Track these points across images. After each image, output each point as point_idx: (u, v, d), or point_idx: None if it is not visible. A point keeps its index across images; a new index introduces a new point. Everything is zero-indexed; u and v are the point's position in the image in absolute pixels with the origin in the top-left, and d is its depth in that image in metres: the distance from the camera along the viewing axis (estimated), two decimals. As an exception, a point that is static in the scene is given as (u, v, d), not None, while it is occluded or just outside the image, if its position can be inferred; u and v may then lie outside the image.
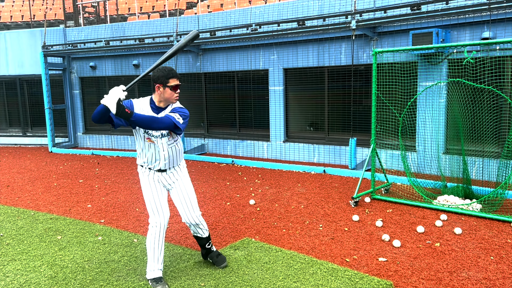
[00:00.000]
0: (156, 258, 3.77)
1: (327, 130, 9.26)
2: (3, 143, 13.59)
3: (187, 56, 10.66)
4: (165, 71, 3.54)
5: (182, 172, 3.91)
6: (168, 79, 3.53)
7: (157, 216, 3.72)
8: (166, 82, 3.53)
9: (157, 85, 3.56)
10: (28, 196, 7.12)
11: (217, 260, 4.10)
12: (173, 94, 3.59)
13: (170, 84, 3.54)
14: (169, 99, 3.62)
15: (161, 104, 3.67)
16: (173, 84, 3.55)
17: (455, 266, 4.08)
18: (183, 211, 3.87)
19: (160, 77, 3.53)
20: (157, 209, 3.73)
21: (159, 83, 3.54)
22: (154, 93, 3.65)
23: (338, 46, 8.65)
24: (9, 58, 13.03)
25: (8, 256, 4.55)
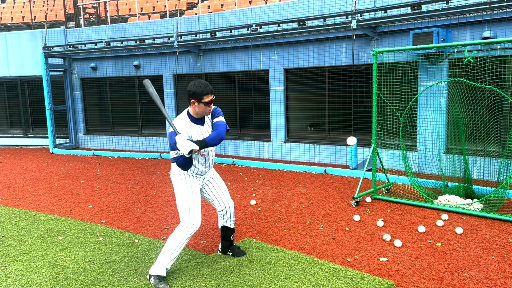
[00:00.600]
0: (172, 257, 3.82)
1: (328, 130, 9.26)
2: (4, 144, 13.61)
3: (188, 57, 10.66)
4: (200, 88, 3.73)
5: (213, 171, 4.23)
6: (203, 95, 3.74)
7: (194, 219, 3.86)
8: (201, 98, 3.74)
9: (193, 100, 3.78)
10: (29, 197, 7.13)
11: (239, 251, 4.35)
12: (206, 109, 3.81)
13: (204, 100, 3.75)
14: (203, 113, 3.84)
15: (198, 116, 3.89)
16: (207, 100, 3.76)
17: (456, 266, 4.08)
18: (223, 198, 4.17)
19: (195, 93, 3.74)
20: (195, 213, 3.87)
21: (194, 99, 3.76)
22: (190, 107, 3.86)
23: (338, 46, 8.65)
24: (10, 59, 13.05)
25: (9, 257, 4.56)
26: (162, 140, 11.50)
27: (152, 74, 11.30)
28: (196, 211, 3.87)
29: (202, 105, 3.76)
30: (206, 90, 3.71)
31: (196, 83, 3.75)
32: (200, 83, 3.74)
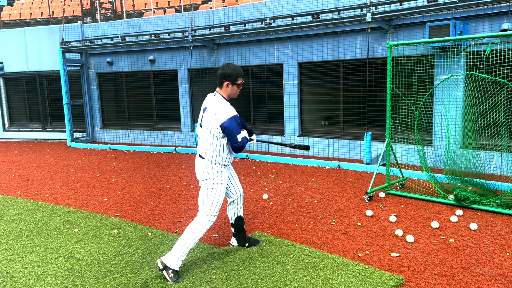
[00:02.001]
0: (188, 249, 3.84)
1: (342, 125, 9.20)
2: (24, 138, 13.90)
3: (202, 51, 10.70)
4: (235, 70, 3.84)
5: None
6: (237, 77, 3.85)
7: (216, 212, 3.93)
8: (236, 80, 3.85)
9: (227, 82, 3.85)
10: (47, 189, 7.28)
11: (254, 241, 4.50)
12: (238, 91, 3.96)
13: (237, 82, 3.89)
14: (234, 95, 3.97)
15: (228, 99, 4.01)
16: (239, 82, 3.92)
17: (469, 262, 4.03)
18: (238, 186, 4.31)
19: (231, 75, 3.83)
20: (218, 207, 3.94)
21: (229, 80, 3.84)
22: (221, 89, 3.91)
23: (353, 39, 8.56)
24: (29, 54, 13.30)
25: (26, 248, 4.67)
26: (177, 134, 11.58)
27: (167, 69, 11.38)
28: (220, 206, 3.97)
29: (235, 87, 3.89)
30: (240, 73, 3.86)
31: (230, 66, 3.85)
32: (235, 66, 3.86)
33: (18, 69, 13.50)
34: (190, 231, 3.85)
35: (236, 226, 4.38)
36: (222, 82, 3.86)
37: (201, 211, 3.93)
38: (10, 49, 13.45)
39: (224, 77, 3.83)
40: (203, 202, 3.94)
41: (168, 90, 11.70)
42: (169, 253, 3.84)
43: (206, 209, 3.91)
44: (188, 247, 3.82)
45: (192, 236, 3.84)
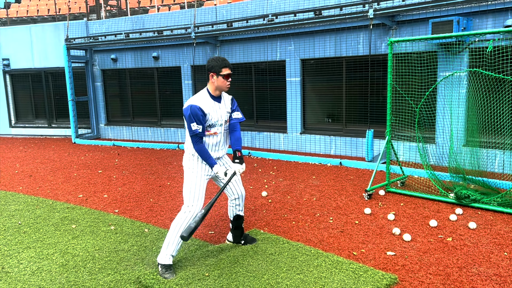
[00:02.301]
0: (175, 244, 3.84)
1: (345, 122, 9.13)
2: (30, 134, 14.01)
3: (205, 48, 10.68)
4: (218, 61, 3.82)
5: (226, 157, 4.24)
6: (221, 68, 3.81)
7: (195, 203, 3.88)
8: (219, 71, 3.81)
9: (211, 74, 3.84)
10: (49, 186, 7.33)
11: (251, 238, 4.46)
12: (225, 82, 3.86)
13: (222, 73, 3.82)
14: (222, 87, 3.88)
15: (217, 93, 3.93)
16: (225, 73, 3.83)
17: (465, 262, 3.97)
18: (237, 186, 4.22)
19: (214, 67, 3.81)
20: (196, 198, 3.89)
21: (213, 72, 3.82)
22: (209, 82, 3.89)
23: (356, 36, 8.49)
24: (35, 51, 13.38)
25: (23, 244, 4.70)
26: (180, 131, 11.59)
27: (170, 65, 11.38)
28: (199, 196, 3.89)
29: (221, 78, 3.82)
30: (224, 63, 3.81)
31: (214, 58, 3.86)
32: (218, 58, 3.85)
33: (24, 65, 13.59)
34: (173, 226, 3.86)
35: (234, 223, 4.37)
36: (208, 75, 3.86)
37: (184, 203, 3.95)
38: (16, 46, 13.54)
39: (208, 70, 3.84)
40: (183, 193, 3.98)
41: (172, 87, 11.70)
42: (160, 252, 3.88)
43: (184, 200, 3.91)
44: (173, 241, 3.82)
45: (174, 230, 3.84)
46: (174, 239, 3.83)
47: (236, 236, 4.42)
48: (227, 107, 4.01)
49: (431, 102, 6.92)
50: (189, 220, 3.83)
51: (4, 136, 14.24)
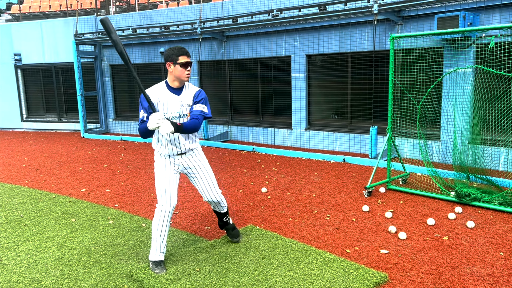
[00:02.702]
0: (159, 242, 3.84)
1: (350, 118, 9.07)
2: (40, 128, 14.22)
3: (212, 44, 10.69)
4: (174, 50, 3.66)
5: (200, 155, 4.00)
6: (178, 56, 3.63)
7: (165, 201, 3.80)
8: (176, 59, 3.63)
9: (168, 63, 3.67)
10: (53, 179, 7.44)
11: (232, 233, 4.35)
12: (183, 72, 3.66)
13: (180, 61, 3.63)
14: (180, 76, 3.68)
15: (176, 84, 3.74)
16: (183, 61, 3.63)
17: (459, 261, 3.93)
18: (206, 192, 4.01)
19: (170, 55, 3.65)
20: (166, 194, 3.81)
21: (169, 61, 3.66)
22: (168, 73, 3.74)
23: (361, 31, 8.41)
24: (45, 46, 13.55)
25: (23, 237, 4.79)
26: (187, 126, 11.64)
27: (177, 61, 11.41)
28: (167, 193, 3.78)
29: (178, 67, 3.62)
30: (181, 51, 3.64)
31: (170, 48, 3.70)
32: (175, 47, 3.69)
33: (35, 60, 13.78)
34: (153, 226, 3.85)
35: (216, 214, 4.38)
36: (166, 66, 3.71)
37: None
38: (28, 41, 13.73)
39: (165, 59, 3.68)
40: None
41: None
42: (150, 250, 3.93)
43: (157, 198, 3.88)
44: (157, 240, 3.82)
45: (154, 229, 3.83)
46: (157, 239, 3.83)
47: (219, 224, 4.44)
48: (187, 100, 3.75)
49: (435, 99, 6.83)
50: (165, 218, 3.79)
51: (16, 130, 14.49)
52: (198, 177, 3.98)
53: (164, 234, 3.85)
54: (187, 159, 3.90)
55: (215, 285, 3.52)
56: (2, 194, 6.56)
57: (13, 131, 14.40)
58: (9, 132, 14.08)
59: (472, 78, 7.10)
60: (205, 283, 3.56)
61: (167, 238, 3.96)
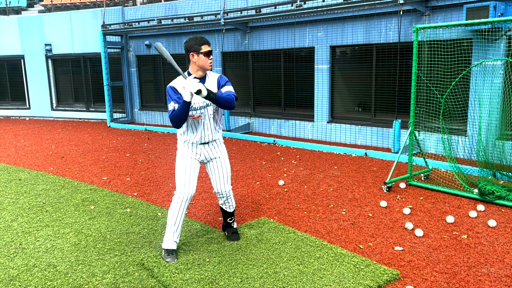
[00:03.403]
0: (173, 230, 3.90)
1: (373, 111, 8.89)
2: (69, 117, 14.59)
3: (235, 34, 10.66)
4: (196, 39, 3.70)
5: (222, 147, 4.07)
6: (201, 45, 3.68)
7: (184, 189, 3.86)
8: (199, 49, 3.68)
9: (191, 54, 3.70)
10: (77, 167, 7.62)
11: (231, 236, 4.27)
12: (207, 60, 3.71)
13: (203, 51, 3.68)
14: (204, 65, 3.72)
15: (200, 73, 3.77)
16: (205, 50, 3.68)
17: (477, 261, 3.80)
18: (218, 183, 4.06)
19: (192, 46, 3.69)
20: (185, 182, 3.87)
21: (192, 51, 3.69)
22: (190, 64, 3.77)
23: (387, 22, 8.19)
24: (74, 37, 13.84)
25: (43, 222, 4.93)
26: (210, 117, 11.69)
27: (201, 52, 11.44)
28: (187, 181, 3.85)
29: (202, 56, 3.67)
30: (202, 41, 3.69)
31: (190, 38, 3.73)
32: (196, 37, 3.72)
33: (65, 51, 14.11)
34: (169, 213, 3.91)
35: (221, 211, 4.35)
36: (189, 56, 3.72)
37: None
38: (58, 32, 14.06)
39: (187, 50, 3.70)
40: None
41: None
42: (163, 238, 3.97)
43: (176, 186, 3.93)
44: (172, 228, 3.87)
45: (171, 218, 3.89)
46: (171, 227, 3.89)
47: (223, 225, 4.43)
48: (212, 87, 3.79)
49: (462, 92, 6.59)
50: (181, 206, 3.86)
51: (46, 118, 14.92)
52: (215, 166, 4.03)
53: (179, 222, 3.90)
54: (209, 149, 3.96)
55: (224, 276, 3.53)
56: (28, 180, 6.77)
57: (44, 119, 14.83)
58: (40, 121, 14.51)
59: (502, 71, 6.82)
60: (214, 274, 3.57)
61: (181, 228, 3.99)
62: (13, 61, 15.03)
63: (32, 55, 14.60)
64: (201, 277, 3.51)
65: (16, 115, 15.34)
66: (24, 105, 15.28)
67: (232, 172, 6.97)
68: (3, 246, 4.28)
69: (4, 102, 15.64)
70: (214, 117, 3.89)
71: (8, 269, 3.80)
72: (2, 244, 4.34)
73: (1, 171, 7.42)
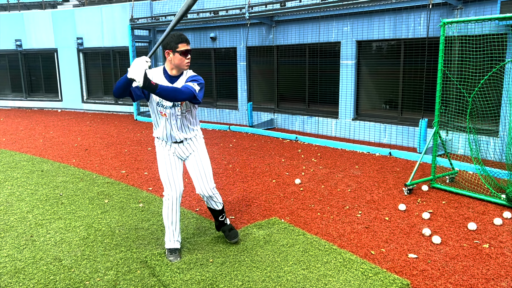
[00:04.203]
0: (172, 230, 3.83)
1: (400, 109, 8.56)
2: (98, 110, 14.88)
3: (261, 29, 10.51)
4: (174, 37, 3.48)
5: (198, 143, 3.87)
6: (177, 44, 3.47)
7: (170, 189, 3.76)
8: (176, 47, 3.47)
9: (167, 51, 3.50)
10: (99, 160, 7.71)
11: (229, 234, 4.07)
12: (183, 60, 3.51)
13: (179, 49, 3.47)
14: (180, 65, 3.53)
15: (174, 72, 3.60)
16: (182, 49, 3.47)
17: (496, 273, 3.54)
18: (197, 183, 3.85)
19: (169, 43, 3.47)
20: (170, 182, 3.76)
21: (168, 49, 3.49)
22: (166, 61, 3.59)
23: (416, 16, 7.83)
24: (104, 31, 14.06)
25: (57, 215, 4.98)
26: (234, 112, 11.62)
27: (227, 46, 11.38)
28: (171, 180, 3.73)
29: (178, 55, 3.46)
30: (180, 39, 3.47)
31: (170, 34, 3.47)
32: (174, 34, 3.49)
33: (95, 44, 14.36)
34: (163, 215, 3.85)
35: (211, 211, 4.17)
36: (163, 53, 3.53)
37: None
38: (89, 26, 14.33)
39: (164, 47, 3.47)
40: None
41: (227, 68, 11.72)
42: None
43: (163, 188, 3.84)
44: (168, 227, 3.81)
45: (164, 218, 3.82)
46: (169, 228, 3.83)
47: (215, 225, 4.23)
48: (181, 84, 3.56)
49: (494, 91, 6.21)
50: (173, 206, 3.76)
51: (76, 110, 15.27)
52: (191, 163, 3.83)
53: (176, 222, 3.82)
54: (184, 147, 3.80)
55: (225, 278, 3.43)
56: (49, 172, 6.90)
57: (74, 111, 15.19)
58: (71, 113, 14.87)
59: (538, 69, 6.39)
60: (215, 275, 3.48)
61: (180, 226, 3.90)
62: (47, 54, 15.44)
63: (65, 49, 14.95)
64: (201, 278, 3.43)
65: (49, 107, 15.78)
66: (56, 97, 15.69)
67: (250, 169, 6.87)
68: (15, 238, 4.34)
69: (38, 94, 16.11)
70: (186, 117, 3.69)
71: (16, 261, 3.85)
72: (14, 235, 4.41)
73: (26, 162, 7.60)
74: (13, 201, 5.46)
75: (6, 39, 15.65)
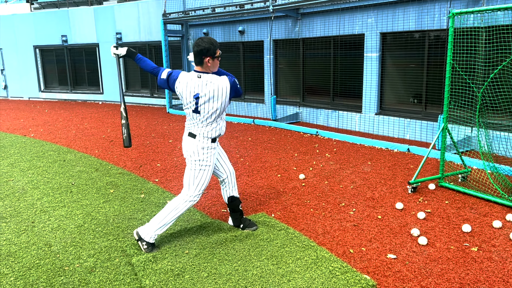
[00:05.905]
0: (159, 227, 3.83)
1: (424, 104, 8.22)
2: (135, 102, 15.43)
3: (287, 21, 10.43)
4: (212, 44, 3.62)
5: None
6: (216, 49, 3.66)
7: (198, 195, 3.85)
8: (215, 53, 3.65)
9: (208, 58, 3.61)
10: (119, 151, 8.04)
11: (250, 223, 4.29)
12: (218, 64, 3.74)
13: (217, 55, 3.67)
14: (215, 68, 3.74)
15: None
16: (218, 54, 3.69)
17: (475, 278, 3.36)
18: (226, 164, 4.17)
19: (209, 50, 3.60)
20: (202, 188, 3.86)
21: (209, 56, 3.62)
22: (202, 67, 3.66)
23: (441, 6, 7.46)
24: (141, 26, 14.53)
25: (62, 203, 5.28)
26: (260, 106, 11.65)
27: (254, 40, 11.40)
28: (203, 188, 3.86)
29: (216, 60, 3.68)
30: (217, 44, 3.67)
31: (204, 40, 3.60)
32: (210, 39, 3.63)
33: (132, 39, 14.88)
34: (170, 208, 3.84)
35: (229, 206, 4.31)
36: (202, 59, 3.59)
37: (185, 189, 3.86)
38: (127, 21, 14.85)
39: (203, 54, 3.57)
40: (187, 179, 3.86)
41: (255, 61, 11.74)
42: (146, 225, 3.91)
43: (189, 188, 3.82)
44: (166, 223, 3.85)
45: (171, 214, 3.84)
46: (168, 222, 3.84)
47: (235, 219, 4.32)
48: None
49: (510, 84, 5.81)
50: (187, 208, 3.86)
51: (116, 103, 15.92)
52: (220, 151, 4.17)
53: (171, 224, 3.89)
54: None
55: (193, 269, 3.51)
56: (70, 162, 7.29)
57: (114, 104, 15.84)
58: (110, 105, 15.53)
59: None
60: (185, 266, 3.57)
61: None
62: (89, 48, 16.20)
63: (105, 43, 15.59)
64: (171, 268, 3.53)
65: (91, 99, 16.57)
66: (98, 90, 16.44)
67: (260, 163, 6.89)
68: (18, 223, 4.66)
69: (82, 87, 16.96)
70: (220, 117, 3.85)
71: (11, 245, 4.13)
72: (18, 220, 4.73)
73: (53, 152, 8.07)
74: (28, 189, 5.84)
75: (54, 35, 16.57)
